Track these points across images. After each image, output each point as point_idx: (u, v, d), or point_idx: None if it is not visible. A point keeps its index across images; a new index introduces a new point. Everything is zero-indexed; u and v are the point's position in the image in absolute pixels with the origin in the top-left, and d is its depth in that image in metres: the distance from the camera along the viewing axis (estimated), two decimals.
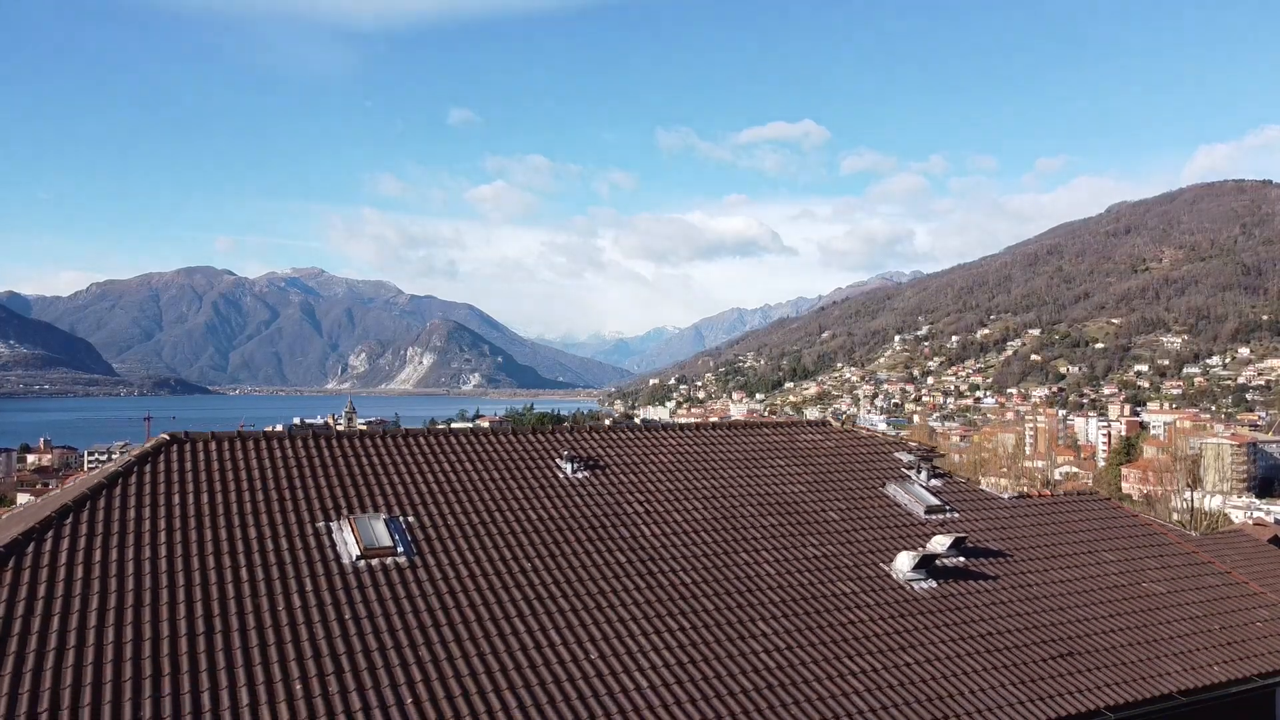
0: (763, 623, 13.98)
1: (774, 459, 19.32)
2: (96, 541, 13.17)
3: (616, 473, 17.65)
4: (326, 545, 14.01)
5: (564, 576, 14.25)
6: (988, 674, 13.75)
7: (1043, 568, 17.05)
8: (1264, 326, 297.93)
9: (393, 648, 12.14)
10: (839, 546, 16.47)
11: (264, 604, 12.53)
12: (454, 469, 16.73)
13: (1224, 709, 16.37)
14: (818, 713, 12.31)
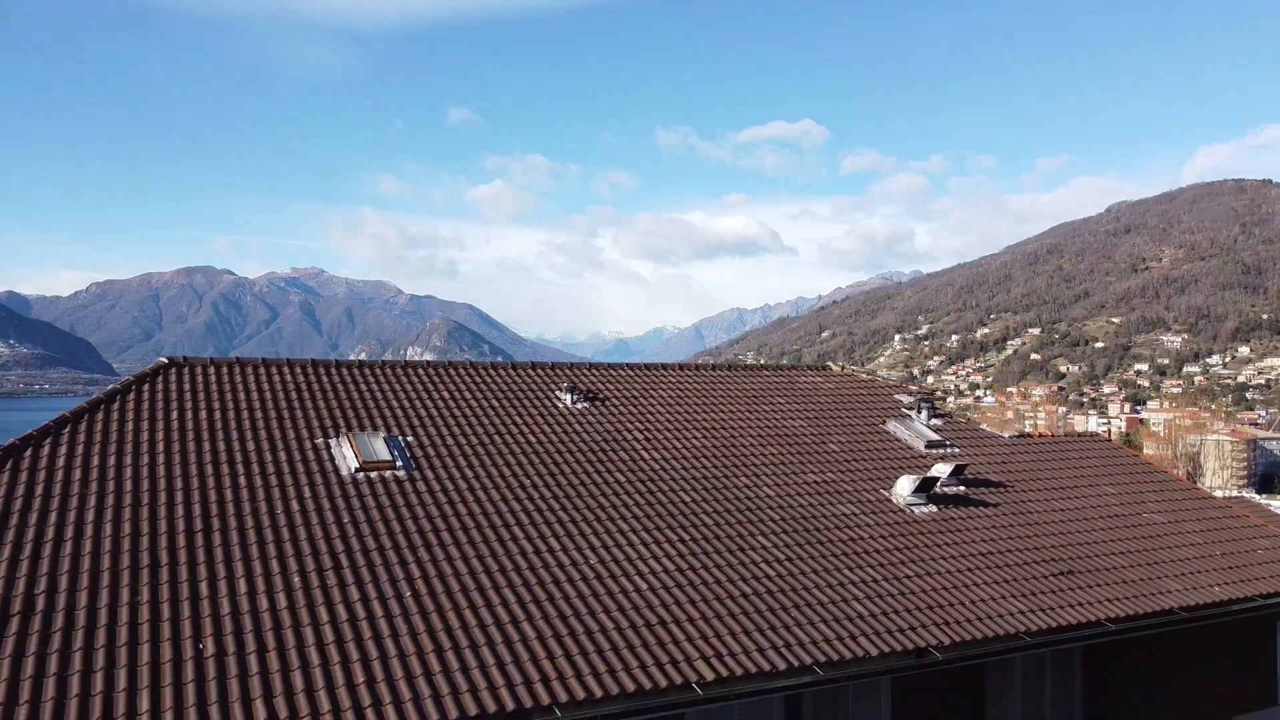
0: (762, 538, 13.94)
1: (774, 397, 19.28)
2: (94, 449, 13.14)
3: (616, 405, 17.62)
4: (325, 459, 13.98)
5: (563, 493, 14.21)
6: (987, 587, 13.70)
7: (1043, 498, 17.01)
8: (1264, 325, 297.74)
9: (391, 549, 12.11)
10: (839, 474, 16.43)
11: (262, 508, 12.49)
12: (453, 397, 16.69)
13: (1225, 631, 16.35)
14: (818, 615, 12.27)
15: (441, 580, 11.65)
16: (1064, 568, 14.60)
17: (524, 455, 15.10)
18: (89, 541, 11.23)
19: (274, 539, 11.88)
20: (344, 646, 10.20)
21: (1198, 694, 16.17)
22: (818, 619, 12.21)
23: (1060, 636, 13.02)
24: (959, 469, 16.55)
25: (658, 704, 10.46)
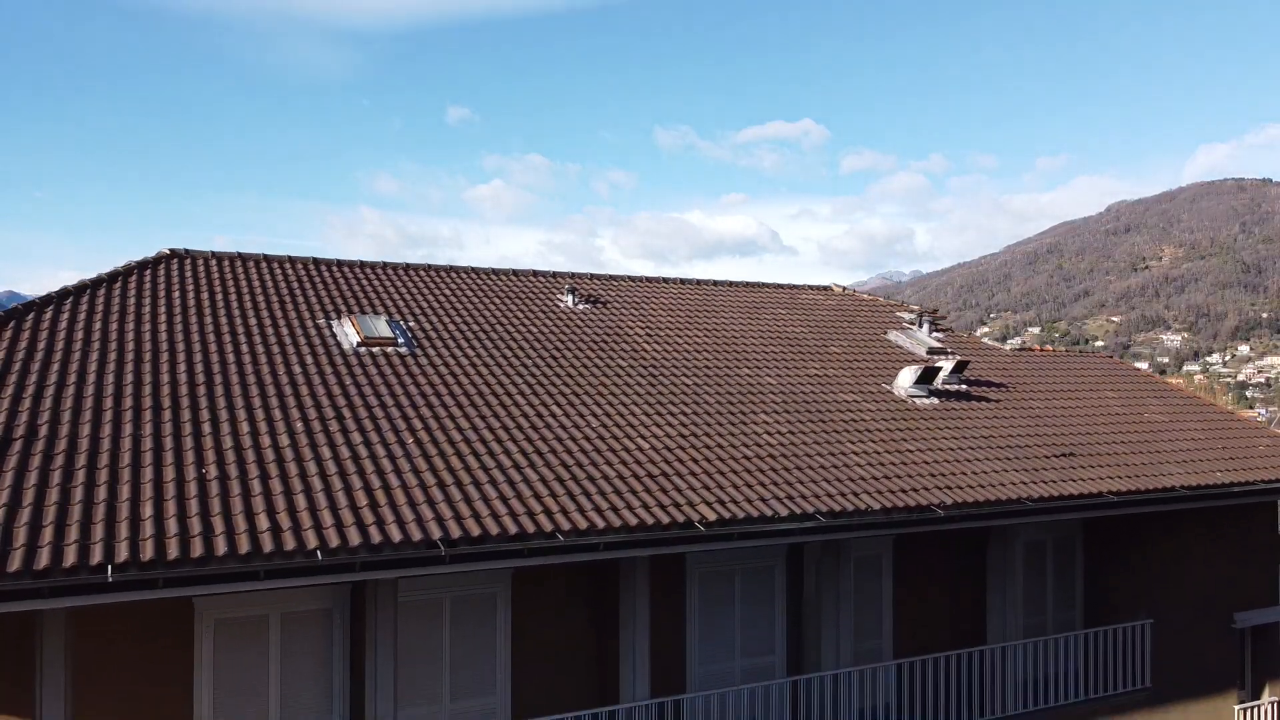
0: (764, 415, 13.94)
1: (775, 308, 19.28)
2: (96, 317, 13.14)
3: (618, 308, 17.62)
4: (327, 335, 13.98)
5: (564, 373, 14.21)
6: (989, 463, 13.69)
7: (1045, 398, 17.01)
8: (1264, 324, 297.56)
9: (394, 406, 12.11)
10: (840, 370, 16.43)
11: (264, 370, 12.49)
12: (455, 294, 16.69)
13: (1225, 529, 16.35)
14: (820, 476, 12.26)
15: (444, 433, 11.64)
16: (1065, 450, 14.60)
17: (525, 342, 15.10)
18: (90, 387, 11.23)
19: (275, 394, 11.88)
20: (346, 478, 10.20)
21: (1197, 589, 16.16)
22: (820, 479, 12.20)
23: (1061, 505, 13.00)
24: (961, 365, 16.54)
25: (659, 538, 10.46)
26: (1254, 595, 16.80)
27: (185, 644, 10.69)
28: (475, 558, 9.59)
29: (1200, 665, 16.03)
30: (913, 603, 15.07)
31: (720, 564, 13.60)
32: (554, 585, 12.58)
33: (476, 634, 12.11)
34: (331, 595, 11.36)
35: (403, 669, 11.43)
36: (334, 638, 11.31)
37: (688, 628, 13.39)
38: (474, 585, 12.07)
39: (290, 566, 8.76)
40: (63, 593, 8.01)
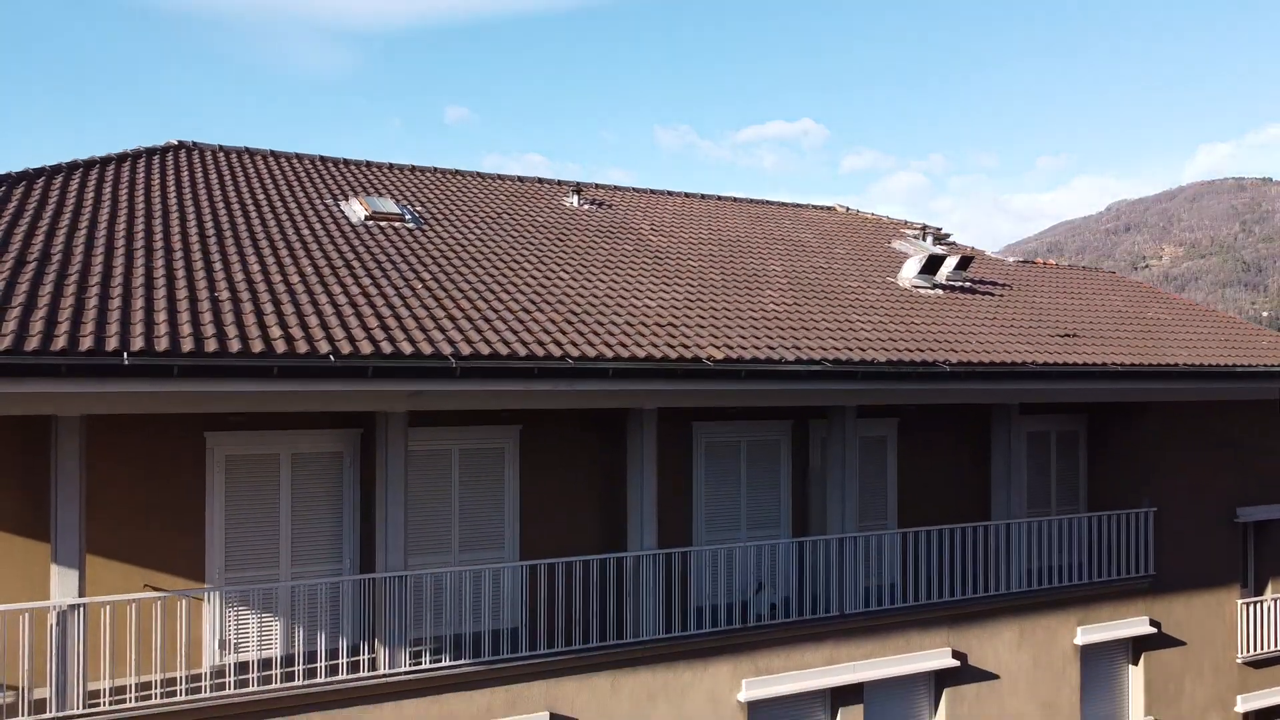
0: (770, 291, 14.01)
1: (780, 219, 19.36)
2: (106, 185, 13.21)
3: (623, 208, 17.70)
4: (335, 211, 14.05)
5: (572, 252, 14.28)
6: (994, 335, 13.79)
7: (1049, 296, 17.10)
8: (1264, 323, 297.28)
9: (402, 262, 12.17)
10: (845, 266, 16.51)
11: (274, 232, 12.54)
12: (461, 191, 16.76)
13: (1228, 422, 16.41)
14: (826, 335, 12.35)
15: (453, 284, 11.71)
16: (1069, 331, 14.68)
17: (532, 228, 15.17)
18: (102, 230, 11.30)
19: (285, 248, 11.93)
20: (358, 307, 10.28)
21: (1199, 484, 16.22)
22: (827, 338, 12.28)
23: (1064, 371, 13.07)
24: (965, 260, 16.63)
25: (668, 369, 10.51)
26: (1256, 492, 16.86)
27: (197, 479, 10.77)
28: (485, 375, 9.64)
29: (1203, 558, 16.10)
30: (917, 485, 15.15)
31: (726, 434, 13.67)
32: (561, 440, 12.65)
33: (485, 486, 12.18)
34: (342, 439, 11.44)
35: (412, 516, 11.47)
36: (344, 480, 11.39)
37: (694, 498, 13.46)
38: (482, 438, 12.15)
39: (303, 366, 8.81)
40: (79, 373, 8.06)
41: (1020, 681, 14.20)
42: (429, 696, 10.44)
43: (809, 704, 12.76)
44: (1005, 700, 14.08)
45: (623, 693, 11.45)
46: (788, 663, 12.47)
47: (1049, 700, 14.45)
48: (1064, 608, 14.58)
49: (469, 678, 10.60)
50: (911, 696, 13.57)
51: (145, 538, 10.53)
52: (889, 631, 13.17)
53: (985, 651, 13.92)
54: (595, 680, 11.30)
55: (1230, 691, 16.33)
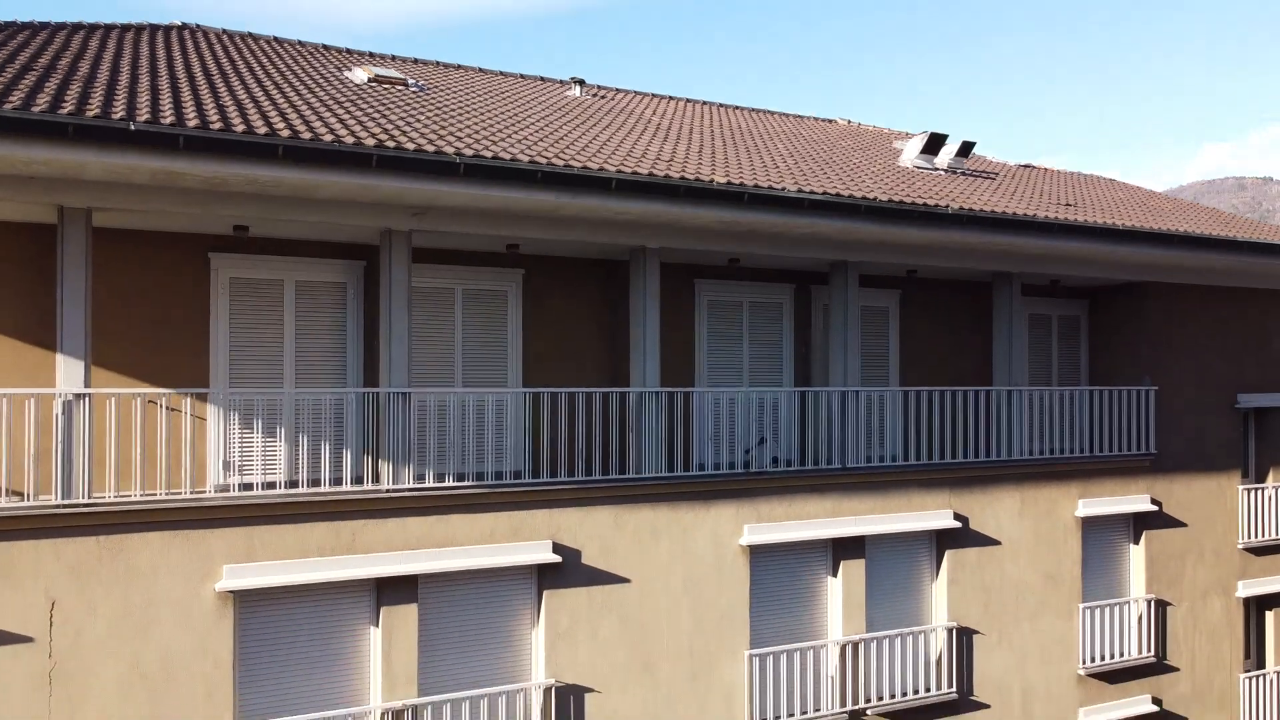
0: (771, 154, 14.04)
1: (782, 124, 19.39)
2: (110, 39, 13.23)
3: (626, 101, 17.73)
4: (339, 76, 14.07)
5: (576, 116, 14.30)
6: (998, 203, 13.82)
7: (1050, 183, 17.14)
8: None
9: (403, 109, 12.19)
10: (847, 152, 16.54)
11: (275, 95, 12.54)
12: (462, 76, 16.78)
13: (1230, 309, 16.44)
14: (829, 179, 12.38)
15: (457, 123, 11.73)
16: (1068, 202, 14.72)
17: (534, 104, 15.18)
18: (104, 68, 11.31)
19: (291, 91, 11.95)
20: (364, 124, 10.30)
21: (1201, 369, 16.24)
22: (829, 182, 12.31)
23: (1067, 226, 13.11)
24: (966, 147, 16.65)
25: (673, 185, 10.55)
26: (1257, 379, 16.88)
27: (201, 300, 10.79)
28: (489, 176, 9.68)
29: (1204, 442, 16.12)
30: (918, 358, 15.19)
31: (728, 292, 13.69)
32: (565, 288, 12.68)
33: (488, 328, 12.21)
34: (345, 270, 11.46)
35: (415, 353, 11.51)
36: (348, 311, 11.41)
37: (696, 356, 13.48)
38: (485, 279, 12.18)
39: (307, 148, 8.85)
40: (85, 136, 8.08)
41: (1022, 550, 14.22)
42: (433, 516, 10.46)
43: (810, 554, 12.78)
44: (1006, 567, 14.10)
45: (626, 528, 11.47)
46: (790, 511, 12.49)
47: (1051, 571, 14.47)
48: (1065, 480, 14.60)
49: (472, 500, 10.61)
50: (913, 556, 13.59)
51: (150, 356, 10.56)
52: (891, 489, 13.19)
53: (986, 517, 13.94)
54: (598, 513, 11.31)
55: (1231, 576, 16.35)
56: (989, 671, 13.92)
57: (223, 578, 9.47)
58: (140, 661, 9.13)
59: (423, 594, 10.48)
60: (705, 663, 11.85)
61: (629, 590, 11.46)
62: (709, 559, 11.91)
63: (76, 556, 8.94)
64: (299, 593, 9.92)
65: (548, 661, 11.01)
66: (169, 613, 9.26)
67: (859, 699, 12.80)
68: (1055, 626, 14.48)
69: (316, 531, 9.92)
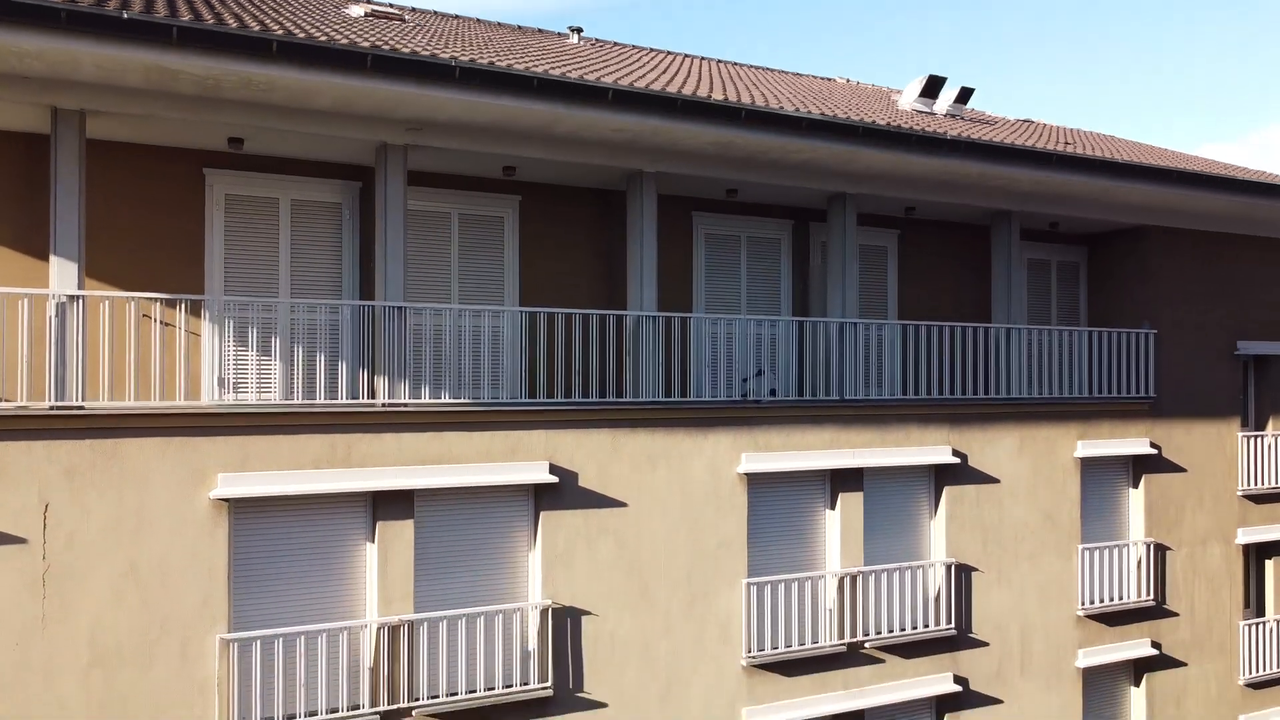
0: (768, 91, 13.99)
1: (781, 78, 19.34)
2: None
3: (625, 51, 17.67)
4: (336, 10, 14.01)
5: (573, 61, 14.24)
6: (996, 135, 13.77)
7: (1051, 134, 17.08)
8: None
9: (400, 34, 12.14)
10: (845, 97, 16.50)
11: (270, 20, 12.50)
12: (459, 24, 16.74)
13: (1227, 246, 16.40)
14: (830, 110, 12.33)
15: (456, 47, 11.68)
16: (1067, 141, 14.68)
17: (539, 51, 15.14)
18: None
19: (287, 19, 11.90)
20: (354, 38, 10.25)
21: (1200, 315, 16.20)
22: (829, 113, 12.25)
23: (1067, 158, 13.07)
24: (965, 93, 16.60)
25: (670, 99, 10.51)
26: (1257, 328, 16.83)
27: (196, 215, 10.74)
28: (485, 81, 9.64)
29: (1203, 387, 16.07)
30: (917, 299, 15.14)
31: (727, 226, 13.64)
32: (561, 216, 12.63)
33: (484, 254, 12.16)
34: (341, 190, 11.41)
35: (411, 277, 11.46)
36: (344, 232, 11.36)
37: (694, 289, 13.43)
38: (481, 204, 12.12)
39: (301, 45, 8.83)
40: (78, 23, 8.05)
41: (1020, 488, 14.17)
42: (429, 432, 10.40)
43: (808, 485, 12.73)
44: (1005, 505, 14.05)
45: (622, 452, 11.41)
46: (787, 441, 12.44)
47: (1049, 511, 14.42)
48: (1064, 420, 14.55)
49: (468, 418, 10.56)
50: (911, 491, 13.54)
51: (144, 273, 10.50)
52: (889, 423, 13.13)
53: (985, 455, 13.89)
54: (595, 436, 11.26)
55: (1231, 524, 16.31)
56: (988, 609, 13.87)
57: (217, 486, 9.42)
58: (134, 567, 9.08)
59: (419, 510, 10.43)
60: (702, 590, 11.80)
61: (626, 515, 11.41)
62: (706, 486, 11.85)
63: (69, 459, 8.89)
64: (294, 504, 9.87)
65: (544, 583, 10.96)
66: (163, 519, 9.21)
67: (857, 632, 12.75)
68: (1054, 567, 14.43)
69: (312, 444, 9.87)
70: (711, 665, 11.82)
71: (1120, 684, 15.31)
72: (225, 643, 9.43)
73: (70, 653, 8.83)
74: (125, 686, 9.02)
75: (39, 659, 8.71)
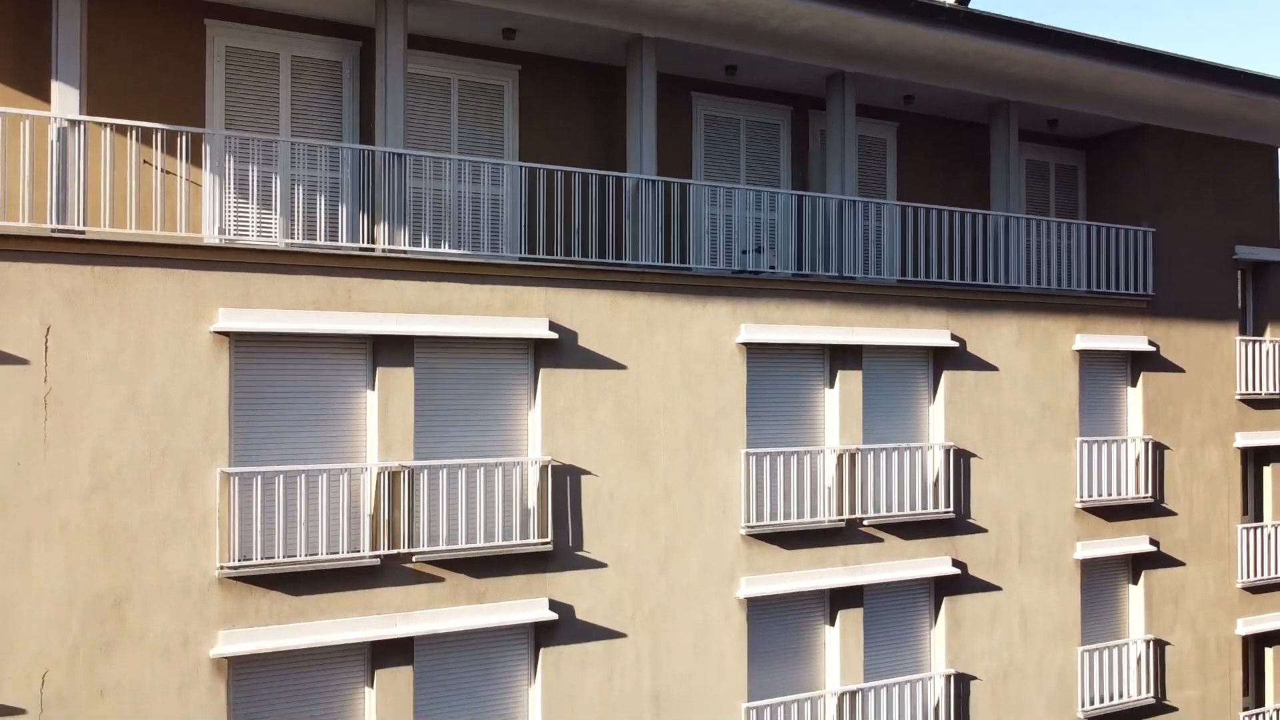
0: None
1: None
2: None
3: None
4: None
5: None
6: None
7: None
8: None
9: None
10: None
11: None
12: None
13: (1226, 151, 16.43)
14: None
15: None
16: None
17: None
18: None
19: None
20: None
21: (1199, 219, 16.24)
22: None
23: (1067, 37, 13.09)
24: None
25: None
26: (1255, 234, 16.87)
27: (197, 67, 10.75)
28: None
29: (1201, 290, 16.11)
30: (916, 194, 15.15)
31: (726, 109, 13.65)
32: (560, 87, 12.63)
33: (483, 123, 12.18)
34: (341, 49, 11.43)
35: (410, 141, 11.51)
36: (344, 94, 11.39)
37: (692, 171, 13.44)
38: (482, 72, 12.14)
39: None
40: None
41: (1019, 378, 14.21)
42: (429, 282, 10.43)
43: (807, 360, 12.76)
44: (1004, 394, 14.09)
45: (622, 314, 11.45)
46: (787, 315, 12.47)
47: (1048, 402, 14.46)
48: (1063, 313, 14.59)
49: (468, 270, 10.58)
50: (910, 374, 13.57)
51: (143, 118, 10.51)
52: (888, 303, 13.17)
53: (984, 341, 13.93)
54: (595, 297, 11.29)
55: (1229, 427, 16.34)
56: (986, 496, 13.91)
57: (218, 320, 9.45)
58: (136, 395, 9.12)
59: (419, 359, 10.47)
60: (702, 458, 11.84)
61: (626, 378, 11.44)
62: (706, 355, 11.89)
63: (71, 284, 8.92)
64: (295, 344, 9.91)
65: (544, 440, 10.99)
66: (164, 349, 9.24)
67: (856, 510, 12.78)
68: (1053, 459, 14.46)
69: (312, 285, 9.90)
70: (711, 532, 11.86)
71: (1119, 580, 15.35)
72: (226, 476, 9.47)
73: (72, 476, 8.87)
74: (126, 513, 9.05)
75: (41, 480, 8.75)
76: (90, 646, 8.92)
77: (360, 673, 10.24)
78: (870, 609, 13.14)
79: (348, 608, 10.00)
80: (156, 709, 9.13)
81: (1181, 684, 15.68)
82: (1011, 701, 14.02)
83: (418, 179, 11.46)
